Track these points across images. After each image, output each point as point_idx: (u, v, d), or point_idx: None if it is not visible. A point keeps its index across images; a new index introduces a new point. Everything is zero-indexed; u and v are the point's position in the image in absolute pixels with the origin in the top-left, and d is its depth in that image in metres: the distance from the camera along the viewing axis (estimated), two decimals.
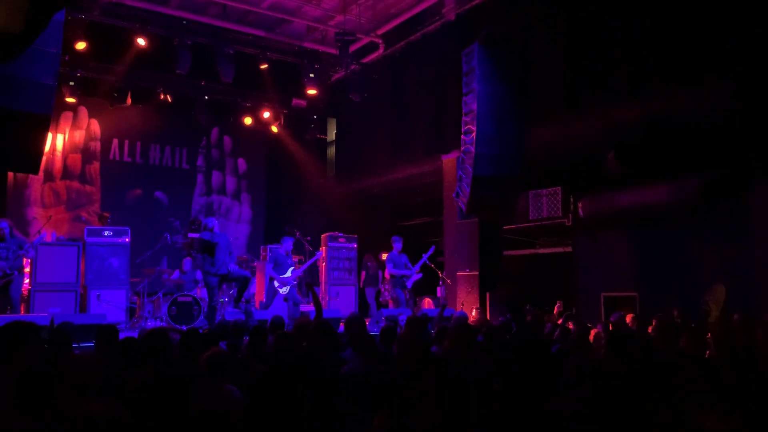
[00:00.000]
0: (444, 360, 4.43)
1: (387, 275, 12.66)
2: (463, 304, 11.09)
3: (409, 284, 10.59)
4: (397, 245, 10.71)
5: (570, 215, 10.62)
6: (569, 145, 10.19)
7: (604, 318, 9.30)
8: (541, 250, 11.84)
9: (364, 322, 5.86)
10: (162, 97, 13.20)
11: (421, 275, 10.72)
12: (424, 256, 10.62)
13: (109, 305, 9.62)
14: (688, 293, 8.10)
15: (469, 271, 11.26)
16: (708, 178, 8.47)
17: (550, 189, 10.82)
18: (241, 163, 15.20)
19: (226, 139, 15.06)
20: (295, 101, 14.34)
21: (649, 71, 8.85)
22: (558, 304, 10.17)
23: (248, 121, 14.45)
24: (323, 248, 11.70)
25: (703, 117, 8.17)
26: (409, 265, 10.64)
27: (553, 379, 3.36)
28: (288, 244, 9.96)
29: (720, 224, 8.73)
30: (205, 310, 9.08)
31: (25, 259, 9.01)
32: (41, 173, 12.62)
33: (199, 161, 14.69)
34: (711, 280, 8.42)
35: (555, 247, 11.57)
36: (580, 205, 10.42)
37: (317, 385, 3.44)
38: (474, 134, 9.59)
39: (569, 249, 11.23)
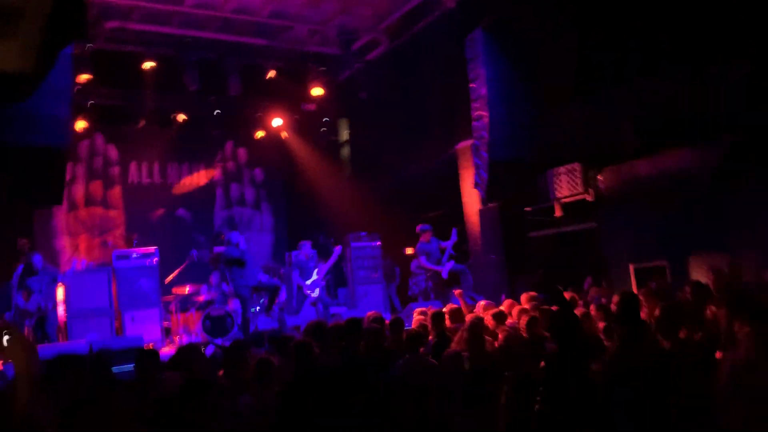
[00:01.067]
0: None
1: (415, 268, 12.70)
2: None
3: (444, 275, 10.43)
4: (426, 233, 10.58)
5: (591, 190, 10.53)
6: (585, 121, 10.09)
7: (636, 289, 9.22)
8: (566, 229, 11.74)
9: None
10: (174, 116, 13.35)
11: (452, 263, 10.61)
12: (449, 246, 10.54)
13: (144, 326, 9.79)
14: (718, 259, 7.99)
15: (495, 257, 11.24)
16: (734, 140, 8.32)
17: (568, 166, 10.72)
18: (258, 172, 15.31)
19: (241, 151, 15.19)
20: (305, 106, 14.39)
21: (665, 46, 8.70)
22: (588, 280, 10.09)
23: (260, 134, 14.56)
24: (345, 247, 11.73)
25: (723, 85, 8.02)
26: (443, 244, 10.50)
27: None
28: (306, 247, 10.05)
29: (749, 187, 8.56)
30: (238, 321, 9.20)
31: (57, 290, 9.21)
32: (65, 202, 12.85)
33: (217, 175, 14.84)
34: (740, 245, 8.32)
35: (579, 224, 11.47)
36: (600, 178, 10.32)
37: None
38: (486, 119, 9.57)
39: (594, 224, 11.12)
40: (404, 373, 3.70)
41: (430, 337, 5.28)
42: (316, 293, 9.75)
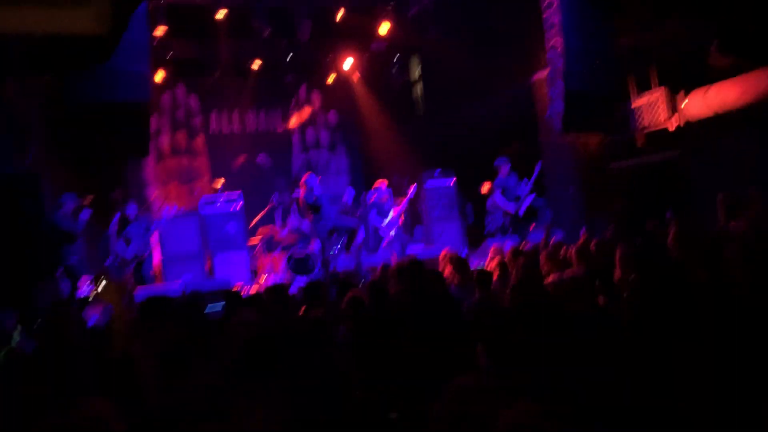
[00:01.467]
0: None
1: (490, 206, 12.64)
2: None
3: (521, 212, 10.25)
4: (505, 168, 10.39)
5: (674, 118, 10.05)
6: (666, 43, 9.55)
7: (723, 221, 8.86)
8: (648, 159, 11.30)
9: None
10: (249, 64, 13.62)
11: (534, 195, 10.40)
12: (530, 182, 10.28)
13: (233, 267, 10.34)
14: None
15: (572, 191, 11.02)
16: None
17: (650, 93, 10.25)
18: (332, 115, 15.48)
19: (315, 94, 15.36)
20: (374, 45, 14.29)
21: None
22: (669, 211, 9.72)
23: (331, 79, 14.65)
24: (419, 186, 11.80)
25: None
26: (519, 191, 10.29)
27: None
28: (381, 188, 10.18)
29: None
30: (319, 262, 9.58)
31: (152, 238, 9.85)
32: (153, 153, 13.52)
33: (294, 121, 15.13)
34: None
35: (662, 153, 11.01)
36: (684, 106, 9.82)
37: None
38: (561, 48, 9.23)
39: (677, 153, 10.65)
40: (469, 311, 3.81)
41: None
42: (392, 233, 9.94)
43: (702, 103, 9.62)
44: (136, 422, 1.94)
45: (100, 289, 2.54)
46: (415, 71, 15.84)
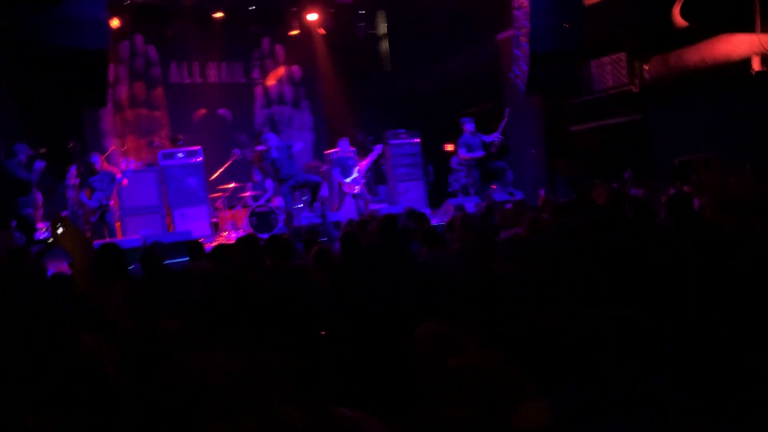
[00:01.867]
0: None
1: (455, 164, 12.71)
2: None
3: (493, 149, 10.18)
4: (469, 126, 10.35)
5: (637, 81, 10.20)
6: (630, 6, 9.61)
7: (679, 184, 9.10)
8: (609, 121, 11.48)
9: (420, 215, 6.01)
10: (211, 14, 13.23)
11: (503, 137, 10.44)
12: (502, 123, 10.26)
13: (193, 222, 10.23)
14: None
15: (535, 152, 11.14)
16: None
17: (613, 56, 10.36)
18: (296, 70, 15.20)
19: (278, 48, 15.02)
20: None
21: None
22: (628, 172, 9.94)
23: (295, 32, 14.36)
24: (384, 145, 11.77)
25: None
26: (486, 139, 10.29)
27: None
28: (344, 145, 10.13)
29: None
30: (282, 217, 9.54)
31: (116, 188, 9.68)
32: (110, 104, 13.12)
33: (255, 74, 14.81)
34: None
35: (623, 116, 11.18)
36: (646, 68, 9.97)
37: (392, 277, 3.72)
38: (527, 8, 9.21)
39: (638, 117, 10.84)
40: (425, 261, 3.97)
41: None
42: (356, 190, 9.93)
43: (663, 67, 9.78)
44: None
45: (57, 236, 2.51)
46: (382, 27, 15.62)
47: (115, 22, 12.39)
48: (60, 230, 2.61)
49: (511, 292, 2.87)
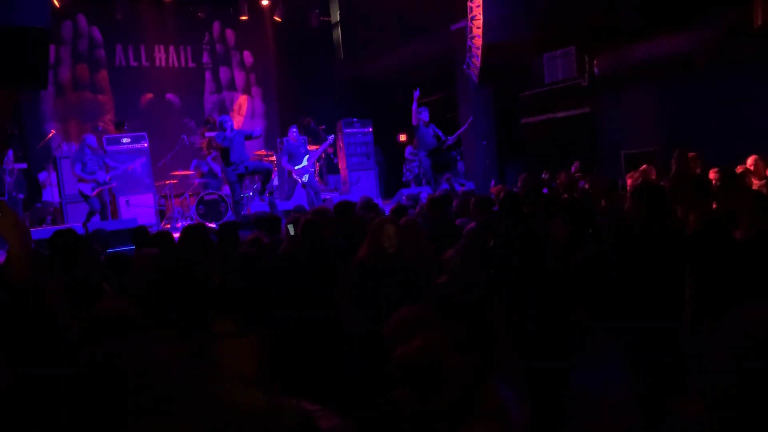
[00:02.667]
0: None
1: (408, 154, 12.71)
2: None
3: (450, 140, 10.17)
4: (424, 115, 10.24)
5: (586, 75, 10.37)
6: (581, 1, 9.76)
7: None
8: (560, 114, 11.65)
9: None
10: None
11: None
12: (461, 129, 10.27)
13: (139, 209, 9.93)
14: (714, 145, 8.02)
15: (486, 143, 11.23)
16: (729, 20, 8.11)
17: (564, 49, 10.50)
18: (247, 55, 14.90)
19: (229, 33, 14.70)
20: None
21: None
22: (575, 165, 10.12)
23: (246, 17, 14.07)
24: (337, 134, 11.67)
25: None
26: (442, 136, 10.24)
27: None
28: (294, 132, 9.97)
29: (745, 69, 8.45)
30: (230, 205, 9.34)
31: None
32: (52, 87, 12.61)
33: (205, 58, 14.46)
34: (737, 130, 8.32)
35: (573, 109, 11.37)
36: (596, 62, 10.14)
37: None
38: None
39: (588, 110, 11.04)
40: None
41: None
42: (305, 179, 9.79)
43: (612, 62, 9.97)
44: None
45: None
46: (335, 14, 15.47)
47: (59, 1, 11.90)
48: None
49: None
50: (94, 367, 1.19)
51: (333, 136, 11.07)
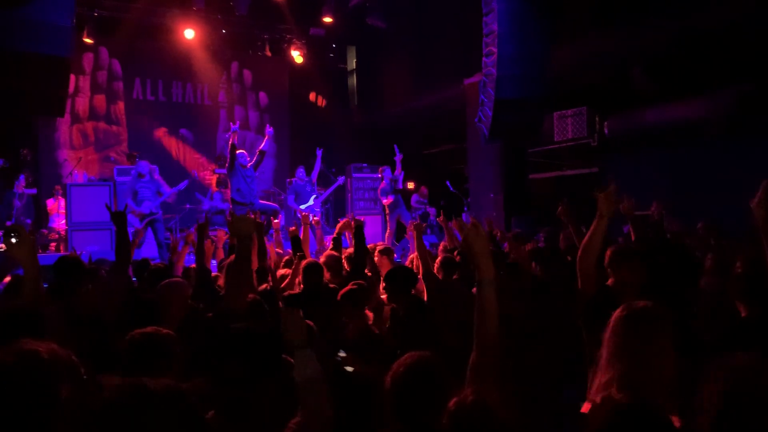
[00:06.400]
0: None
1: (415, 202, 12.76)
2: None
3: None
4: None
5: (596, 135, 10.46)
6: (595, 63, 9.91)
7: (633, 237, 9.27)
8: (568, 172, 11.72)
9: None
10: (180, 33, 13.12)
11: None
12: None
13: (145, 242, 9.92)
14: (722, 211, 8.01)
15: (494, 196, 11.27)
16: (743, 91, 8.20)
17: (575, 109, 10.62)
18: (263, 96, 15.14)
19: (246, 73, 14.98)
20: (313, 30, 14.10)
21: None
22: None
23: (265, 58, 14.37)
24: (347, 178, 11.76)
25: (736, 29, 7.84)
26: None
27: None
28: (301, 173, 10.07)
29: (756, 140, 8.50)
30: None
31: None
32: (68, 116, 12.80)
33: (221, 97, 14.70)
34: (747, 198, 8.32)
35: (582, 168, 11.43)
36: (606, 124, 10.24)
37: None
38: (495, 56, 9.39)
39: (596, 170, 11.10)
40: None
41: None
42: (310, 219, 9.79)
43: (623, 124, 10.07)
44: None
45: (10, 245, 2.42)
46: (352, 62, 15.76)
47: (84, 36, 12.20)
48: (13, 240, 2.51)
49: None
50: None
51: (343, 177, 11.17)
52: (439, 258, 4.81)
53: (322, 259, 4.84)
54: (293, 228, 6.06)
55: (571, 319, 3.02)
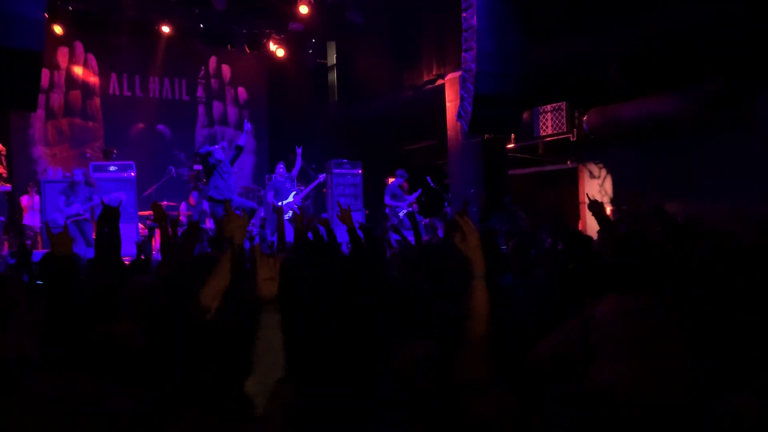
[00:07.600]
0: None
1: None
2: None
3: (400, 214, 10.77)
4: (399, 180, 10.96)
5: (575, 130, 10.52)
6: (573, 59, 9.95)
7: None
8: (547, 168, 11.78)
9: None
10: (158, 27, 12.94)
11: (415, 207, 10.91)
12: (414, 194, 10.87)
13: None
14: (694, 203, 8.13)
15: (474, 191, 11.27)
16: (713, 88, 8.32)
17: (554, 105, 10.67)
18: (242, 92, 15.02)
19: (225, 68, 14.83)
20: (292, 25, 13.97)
21: None
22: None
23: (243, 53, 14.24)
24: (328, 175, 11.71)
25: (707, 28, 7.94)
26: (408, 199, 10.90)
27: None
28: (281, 169, 10.01)
29: (725, 134, 8.65)
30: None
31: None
32: (43, 111, 12.60)
33: (199, 92, 14.54)
34: (717, 190, 8.46)
35: (561, 163, 11.50)
36: (584, 119, 10.30)
37: None
38: (474, 51, 9.38)
39: (575, 165, 11.17)
40: None
41: None
42: (289, 215, 9.75)
43: (600, 119, 10.13)
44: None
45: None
46: (332, 57, 15.68)
47: (58, 29, 11.98)
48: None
49: None
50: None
51: (324, 175, 11.12)
52: None
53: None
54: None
55: None
